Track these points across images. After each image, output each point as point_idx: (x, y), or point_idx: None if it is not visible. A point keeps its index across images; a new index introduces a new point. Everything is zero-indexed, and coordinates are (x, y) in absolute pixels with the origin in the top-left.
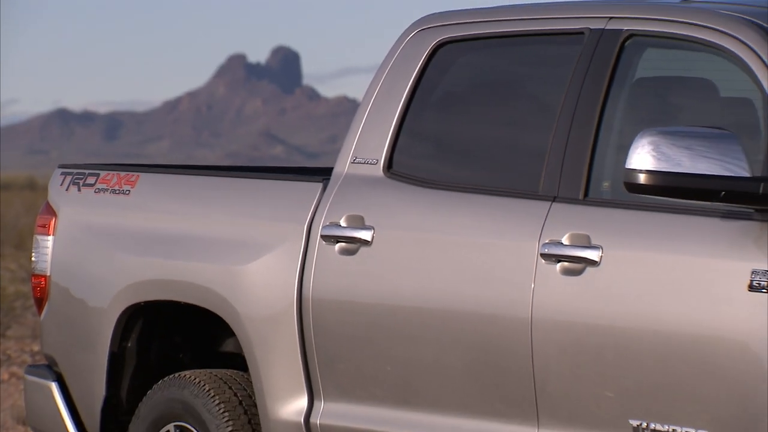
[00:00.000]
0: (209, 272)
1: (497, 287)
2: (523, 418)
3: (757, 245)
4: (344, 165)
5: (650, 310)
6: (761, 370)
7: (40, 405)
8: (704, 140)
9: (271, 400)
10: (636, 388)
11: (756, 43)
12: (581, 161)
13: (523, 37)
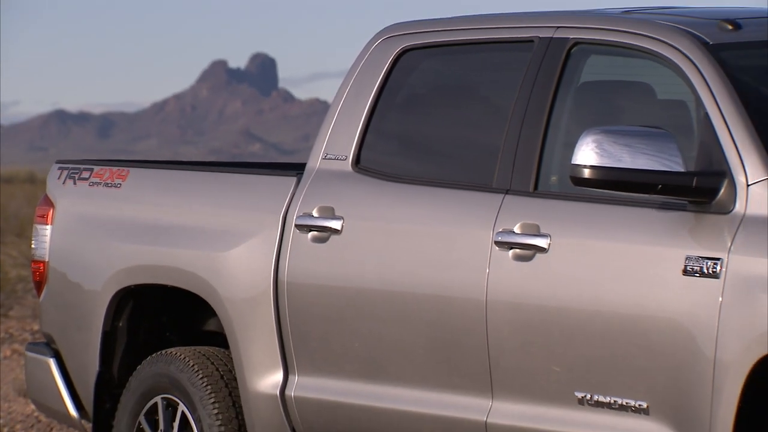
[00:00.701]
0: (193, 258)
1: (455, 272)
2: (479, 390)
3: (690, 234)
4: (316, 161)
5: (594, 293)
6: (693, 346)
7: (39, 379)
8: (643, 138)
9: (249, 375)
10: (581, 363)
11: (690, 50)
12: (531, 157)
13: (479, 44)
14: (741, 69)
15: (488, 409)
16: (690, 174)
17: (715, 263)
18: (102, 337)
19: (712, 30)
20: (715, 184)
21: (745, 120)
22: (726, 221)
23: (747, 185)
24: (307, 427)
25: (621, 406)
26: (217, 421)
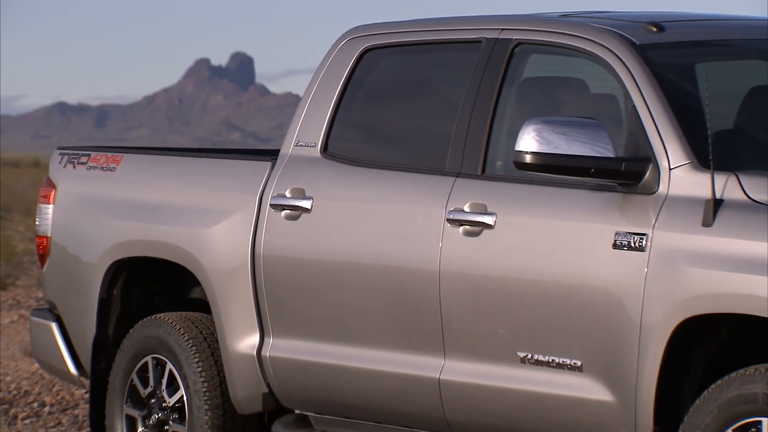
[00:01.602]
0: (180, 234)
1: (412, 246)
2: (433, 350)
3: (619, 212)
4: (289, 147)
5: (534, 264)
6: (622, 311)
7: (42, 341)
8: (578, 128)
9: (229, 337)
10: (523, 326)
11: (619, 50)
12: (479, 144)
13: (433, 44)
14: (664, 66)
15: (441, 368)
16: (619, 159)
17: (641, 238)
18: (98, 303)
19: (639, 32)
20: (642, 169)
21: (668, 112)
22: (651, 201)
23: (669, 169)
24: (280, 384)
25: (558, 365)
26: (201, 378)
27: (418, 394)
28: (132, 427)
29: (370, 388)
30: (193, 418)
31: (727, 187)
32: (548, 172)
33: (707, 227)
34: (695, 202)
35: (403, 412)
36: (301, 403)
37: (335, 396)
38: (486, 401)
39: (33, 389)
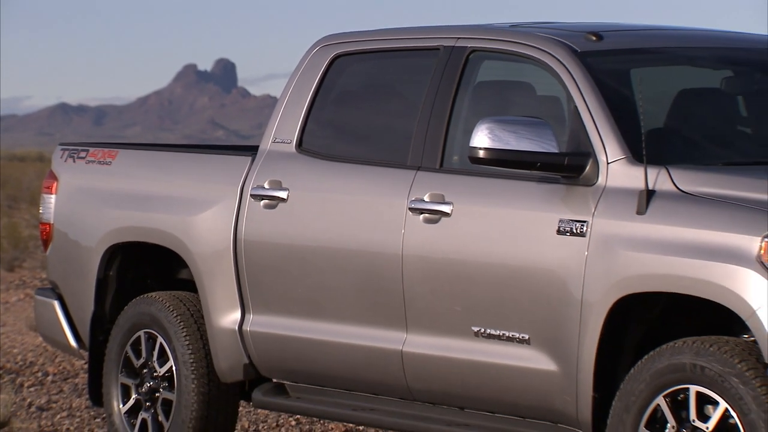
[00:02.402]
0: (169, 221)
1: (378, 232)
2: (397, 325)
3: (563, 201)
4: (267, 143)
5: (487, 248)
6: (565, 290)
7: (46, 317)
8: (525, 126)
9: (214, 314)
10: (476, 304)
11: (562, 56)
12: (438, 141)
13: (396, 51)
14: (602, 71)
15: (404, 341)
16: (562, 154)
17: (582, 225)
18: (96, 283)
19: (580, 40)
20: (582, 163)
21: (606, 112)
22: (591, 192)
23: (607, 163)
24: (259, 355)
25: (508, 338)
26: (188, 350)
27: (383, 365)
28: (126, 394)
29: (340, 360)
30: (181, 386)
31: (658, 179)
32: (499, 166)
33: (641, 215)
34: (630, 193)
35: (369, 380)
36: (278, 372)
37: (309, 366)
38: (443, 371)
39: (37, 360)
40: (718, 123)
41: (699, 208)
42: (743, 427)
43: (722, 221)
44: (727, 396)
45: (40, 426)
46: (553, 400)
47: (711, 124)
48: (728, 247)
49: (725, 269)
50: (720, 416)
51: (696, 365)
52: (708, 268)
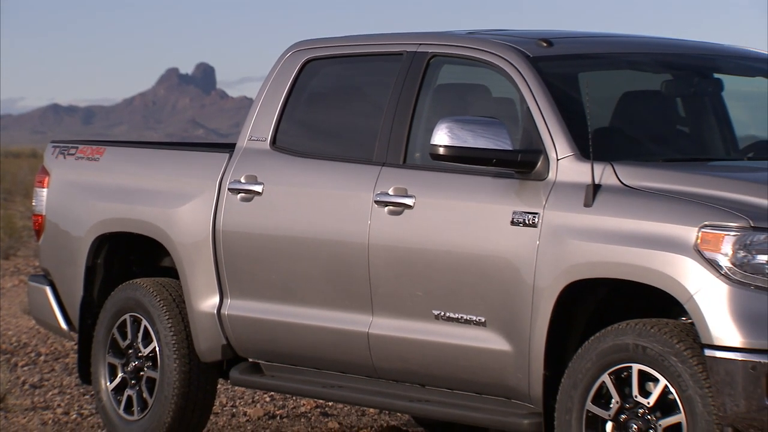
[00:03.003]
0: (153, 213)
1: (346, 223)
2: (363, 309)
3: (516, 195)
4: (243, 141)
5: (447, 238)
6: (518, 277)
7: (38, 302)
8: (482, 125)
9: (194, 298)
10: (437, 289)
11: (515, 61)
12: (401, 139)
13: (363, 56)
14: (552, 75)
15: (369, 323)
16: (516, 151)
17: (534, 216)
18: (85, 270)
19: (532, 46)
20: (534, 159)
21: (556, 112)
22: (542, 186)
23: (557, 160)
24: (236, 337)
25: (465, 321)
26: (171, 332)
27: (351, 346)
28: (113, 373)
29: (311, 341)
30: (164, 366)
31: (604, 174)
32: (458, 162)
33: (588, 207)
34: (578, 187)
35: (338, 360)
36: (254, 353)
37: (282, 347)
38: (406, 351)
39: (31, 341)
40: (659, 123)
41: (641, 200)
42: (681, 402)
43: (662, 213)
44: (666, 374)
45: (33, 402)
46: (507, 378)
47: (652, 123)
48: (668, 237)
49: (665, 257)
50: (660, 392)
51: (638, 345)
52: (649, 256)
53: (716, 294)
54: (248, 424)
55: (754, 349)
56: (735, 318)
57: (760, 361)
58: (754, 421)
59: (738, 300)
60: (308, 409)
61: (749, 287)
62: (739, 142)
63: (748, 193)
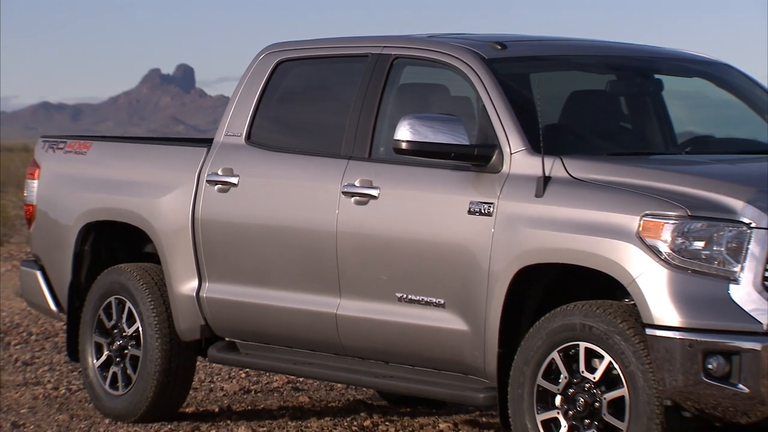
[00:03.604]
0: (136, 203)
1: (315, 212)
2: (331, 292)
3: (473, 186)
4: (221, 136)
5: (409, 226)
6: (474, 262)
7: (30, 285)
8: (441, 122)
9: (174, 282)
10: (400, 274)
11: (472, 62)
12: (367, 134)
13: (331, 57)
14: (506, 75)
15: (337, 305)
16: (472, 146)
17: (489, 206)
18: (73, 256)
19: (488, 49)
20: (489, 153)
21: (509, 110)
22: (497, 178)
23: (510, 154)
24: (214, 318)
25: (426, 302)
26: (153, 313)
27: (320, 326)
28: (99, 351)
29: (283, 321)
30: (147, 344)
31: (553, 167)
32: (419, 156)
33: (539, 198)
34: (530, 179)
35: (308, 339)
36: (230, 332)
37: (256, 327)
38: (371, 331)
39: (23, 322)
40: (604, 120)
41: (588, 191)
42: (624, 377)
43: (607, 203)
44: (611, 351)
45: (25, 378)
46: (464, 355)
47: (598, 120)
48: (612, 225)
49: (610, 244)
50: (605, 368)
51: (585, 325)
52: (595, 242)
53: (656, 277)
54: (225, 398)
55: (691, 328)
56: (674, 300)
57: (696, 339)
58: (691, 395)
59: (676, 283)
60: (280, 384)
61: (687, 271)
62: (678, 138)
63: (686, 185)
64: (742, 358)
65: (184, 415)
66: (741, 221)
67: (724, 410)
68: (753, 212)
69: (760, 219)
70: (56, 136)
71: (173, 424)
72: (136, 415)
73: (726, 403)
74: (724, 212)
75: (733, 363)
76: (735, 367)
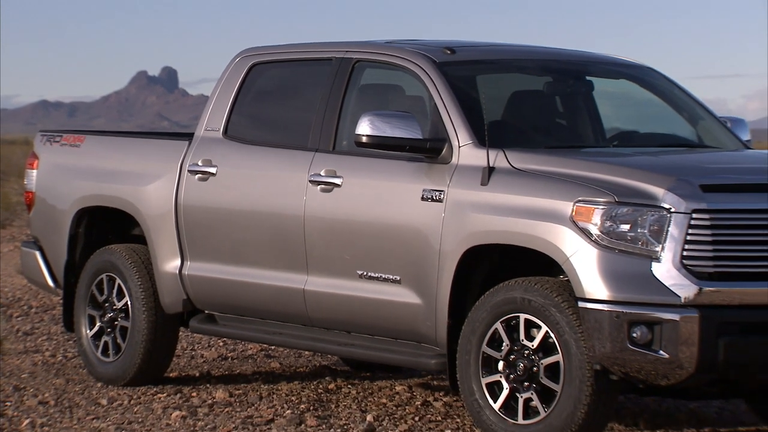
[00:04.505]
0: (125, 190)
1: (285, 198)
2: (300, 270)
3: (426, 175)
4: (200, 131)
5: (369, 211)
6: (427, 243)
7: (30, 263)
8: (398, 118)
9: (159, 261)
10: (360, 254)
11: (424, 65)
12: (331, 129)
13: (300, 61)
14: (455, 77)
15: (305, 281)
16: (425, 140)
17: (440, 193)
18: (68, 238)
19: (439, 53)
20: (440, 146)
21: (458, 108)
22: (447, 168)
23: (459, 147)
24: (194, 293)
25: (384, 279)
26: (140, 289)
27: (289, 300)
28: (92, 322)
29: (256, 295)
30: (135, 317)
31: (497, 159)
32: (378, 148)
33: (484, 186)
34: (476, 169)
35: (279, 311)
36: (209, 306)
37: (232, 301)
38: (335, 304)
39: (24, 297)
40: (542, 117)
41: (527, 180)
42: (559, 345)
43: (544, 190)
44: (547, 322)
45: (26, 347)
46: (418, 326)
47: (536, 117)
48: (549, 210)
49: (547, 227)
50: (542, 337)
51: (524, 299)
52: (534, 225)
53: (588, 256)
54: (205, 364)
55: (617, 301)
56: (602, 276)
57: (622, 311)
58: (617, 360)
59: (605, 261)
60: (255, 352)
61: (614, 251)
62: (606, 133)
63: (614, 174)
64: (662, 327)
65: (168, 379)
66: (662, 207)
67: (646, 374)
68: (673, 198)
69: (679, 205)
70: (53, 130)
71: (158, 387)
72: (125, 379)
73: (648, 367)
74: (647, 199)
75: (654, 332)
76: (656, 336)
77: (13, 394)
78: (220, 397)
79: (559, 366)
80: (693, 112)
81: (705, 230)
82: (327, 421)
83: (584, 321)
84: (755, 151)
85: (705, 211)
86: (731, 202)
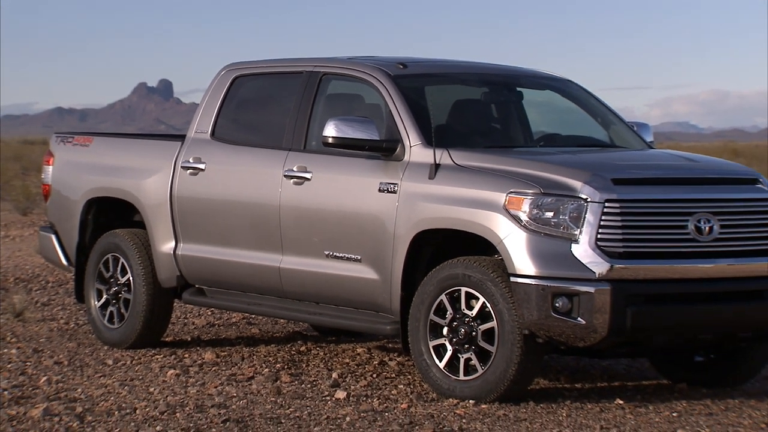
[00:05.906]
0: (128, 183)
1: (264, 190)
2: (276, 250)
3: (382, 171)
4: (192, 133)
5: (334, 200)
6: (383, 227)
7: (46, 245)
8: (359, 123)
9: (157, 243)
10: (327, 237)
11: (381, 78)
12: (302, 132)
13: (276, 74)
14: (407, 88)
15: (280, 260)
16: (382, 141)
17: (394, 186)
18: (79, 224)
19: (393, 68)
20: (394, 146)
21: (409, 114)
22: (400, 165)
23: (410, 147)
24: (186, 270)
25: (347, 258)
26: (140, 267)
27: (267, 276)
28: (100, 295)
29: (239, 272)
30: (136, 290)
31: (442, 157)
32: (342, 148)
33: (431, 180)
34: (424, 166)
35: (258, 285)
36: (199, 281)
37: (219, 277)
38: (306, 280)
39: (42, 273)
40: (480, 121)
41: (468, 175)
42: (494, 313)
43: (482, 183)
44: (484, 294)
45: (43, 315)
46: (376, 298)
47: (475, 122)
48: (486, 200)
49: (484, 214)
50: (480, 307)
51: (465, 274)
52: (473, 213)
53: (518, 239)
54: (195, 330)
55: (543, 276)
56: (530, 255)
57: (547, 285)
58: (543, 326)
59: (532, 243)
60: (238, 320)
61: (540, 234)
62: (534, 135)
63: (540, 170)
64: (580, 298)
65: (164, 343)
66: (580, 197)
67: (567, 337)
68: (589, 190)
69: (594, 195)
70: (66, 132)
71: (156, 349)
72: (128, 343)
73: (569, 332)
74: (567, 190)
75: (573, 302)
76: (575, 305)
77: (32, 355)
78: (208, 358)
79: (494, 331)
80: (606, 118)
81: (616, 217)
82: (299, 378)
83: (515, 293)
84: (657, 151)
85: (616, 200)
86: (637, 193)
